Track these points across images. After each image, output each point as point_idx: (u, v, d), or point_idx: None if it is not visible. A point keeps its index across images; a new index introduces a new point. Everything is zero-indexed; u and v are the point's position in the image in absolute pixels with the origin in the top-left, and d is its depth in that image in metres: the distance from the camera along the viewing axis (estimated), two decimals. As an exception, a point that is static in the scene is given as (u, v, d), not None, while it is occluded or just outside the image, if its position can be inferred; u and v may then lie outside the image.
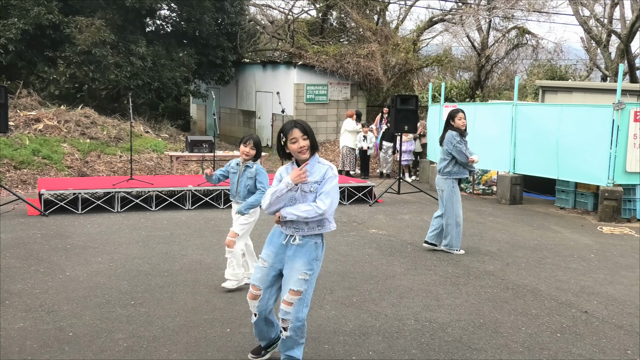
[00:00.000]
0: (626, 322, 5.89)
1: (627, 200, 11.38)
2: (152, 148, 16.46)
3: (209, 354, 4.90)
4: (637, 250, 8.98)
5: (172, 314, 5.80)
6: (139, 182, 11.56)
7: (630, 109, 11.10)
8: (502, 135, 13.17)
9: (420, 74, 26.50)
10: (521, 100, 22.08)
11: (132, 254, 8.01)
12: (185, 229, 9.67)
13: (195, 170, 15.94)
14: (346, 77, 21.67)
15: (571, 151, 11.73)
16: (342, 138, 16.87)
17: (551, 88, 16.32)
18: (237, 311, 5.89)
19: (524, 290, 6.84)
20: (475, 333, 5.49)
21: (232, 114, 24.96)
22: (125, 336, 5.22)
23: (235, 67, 23.63)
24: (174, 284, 6.75)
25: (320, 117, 21.98)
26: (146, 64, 19.39)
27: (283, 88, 20.63)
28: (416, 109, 13.84)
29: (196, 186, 11.48)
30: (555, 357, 5.02)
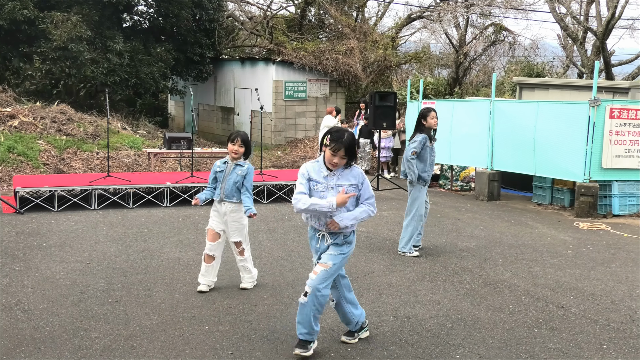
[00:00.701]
0: (602, 317, 5.96)
1: (603, 196, 11.51)
2: (129, 145, 16.33)
3: (187, 352, 4.88)
4: (613, 246, 9.09)
5: (149, 312, 5.76)
6: (116, 179, 11.47)
7: (605, 105, 11.23)
8: (480, 132, 13.26)
9: (398, 70, 26.58)
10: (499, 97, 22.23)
11: (109, 251, 7.94)
12: (163, 226, 9.61)
13: (174, 167, 15.84)
14: (325, 73, 21.66)
15: (548, 147, 11.84)
16: (321, 134, 16.89)
17: (528, 85, 16.45)
18: (215, 309, 5.87)
19: (502, 286, 6.89)
20: (453, 329, 5.52)
21: (210, 110, 24.84)
22: (102, 335, 5.18)
23: (214, 64, 23.51)
24: (152, 281, 6.71)
25: (299, 114, 21.95)
26: (123, 60, 19.22)
27: (262, 84, 20.56)
28: (394, 105, 13.89)
29: (174, 183, 11.41)
30: (532, 352, 5.06)
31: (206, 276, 6.39)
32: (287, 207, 11.51)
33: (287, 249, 8.35)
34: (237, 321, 5.57)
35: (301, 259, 7.79)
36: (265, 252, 8.11)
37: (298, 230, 9.53)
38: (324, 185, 4.73)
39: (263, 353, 4.90)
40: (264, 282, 6.76)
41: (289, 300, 6.16)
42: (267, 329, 5.40)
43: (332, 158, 4.62)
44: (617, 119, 11.27)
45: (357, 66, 21.78)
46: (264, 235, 9.08)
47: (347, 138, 4.61)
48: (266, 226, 9.71)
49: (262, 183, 12.01)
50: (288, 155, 20.00)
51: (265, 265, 7.46)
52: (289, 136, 21.85)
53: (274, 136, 21.58)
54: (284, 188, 12.29)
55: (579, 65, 23.06)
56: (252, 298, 6.19)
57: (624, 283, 7.14)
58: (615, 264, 8.01)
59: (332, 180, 4.73)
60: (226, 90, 23.85)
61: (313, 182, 4.75)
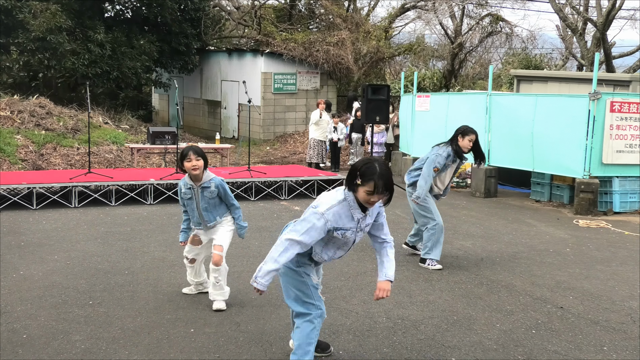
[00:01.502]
0: (602, 318, 5.99)
1: (604, 192, 11.56)
2: (111, 140, 16.28)
3: (172, 356, 4.87)
4: (614, 244, 9.13)
5: (132, 314, 5.74)
6: (98, 176, 11.42)
7: (606, 99, 11.27)
8: (476, 126, 13.17)
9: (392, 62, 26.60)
10: (496, 90, 22.29)
11: (90, 251, 7.91)
12: (147, 224, 9.58)
13: (158, 163, 15.80)
14: (315, 65, 21.65)
15: (546, 142, 11.88)
16: (310, 130, 16.87)
17: (526, 77, 16.49)
18: (201, 311, 5.86)
19: (499, 286, 6.91)
20: (448, 330, 5.53)
21: (196, 104, 24.79)
22: (83, 338, 5.16)
23: (200, 55, 23.46)
24: (135, 282, 6.69)
25: (289, 108, 21.94)
26: (105, 52, 19.14)
27: (250, 77, 20.54)
28: (388, 99, 13.89)
29: (158, 180, 11.38)
30: (530, 354, 5.08)
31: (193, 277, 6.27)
32: (276, 205, 11.50)
33: (276, 248, 8.34)
34: (224, 323, 5.56)
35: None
36: (253, 252, 8.10)
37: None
38: (353, 230, 4.17)
39: (251, 356, 4.89)
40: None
41: (278, 301, 6.15)
42: (256, 331, 5.39)
43: (370, 198, 3.98)
44: (618, 113, 11.31)
45: (348, 58, 21.79)
46: (252, 234, 9.07)
47: (383, 171, 3.94)
48: (254, 224, 9.70)
49: (250, 180, 11.99)
50: (277, 151, 20.00)
51: (253, 265, 7.45)
52: (278, 131, 21.83)
53: (263, 131, 21.55)
54: (272, 185, 12.28)
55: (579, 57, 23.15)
56: (239, 299, 6.18)
57: (625, 282, 7.18)
58: (616, 263, 8.05)
59: (364, 221, 4.19)
60: (212, 83, 23.79)
61: (339, 232, 4.14)
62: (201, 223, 5.92)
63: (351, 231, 4.16)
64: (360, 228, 4.20)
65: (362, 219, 4.15)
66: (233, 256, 7.79)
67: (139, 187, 11.40)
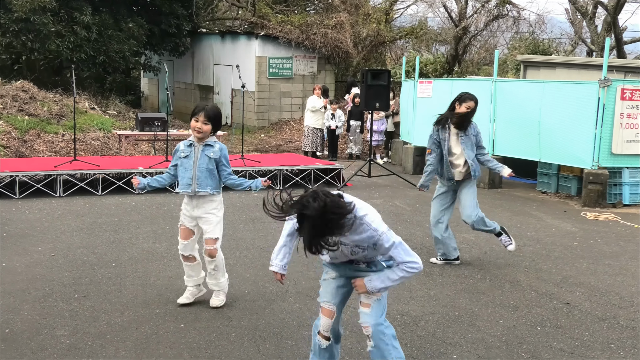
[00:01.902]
0: (610, 314, 6.01)
1: (613, 184, 11.58)
2: (98, 126, 16.24)
3: (161, 352, 4.88)
4: (623, 238, 9.16)
5: (120, 308, 5.75)
6: (84, 164, 11.41)
7: (616, 86, 11.27)
8: (480, 114, 13.16)
9: (393, 47, 26.55)
10: (501, 76, 22.28)
11: (75, 242, 7.91)
12: (135, 215, 9.58)
13: (147, 151, 15.78)
14: (313, 49, 21.60)
15: (554, 131, 11.88)
16: (306, 117, 16.86)
17: (533, 63, 16.48)
18: (191, 305, 5.86)
19: (502, 281, 6.93)
20: (450, 327, 5.55)
21: (187, 89, 24.73)
22: (68, 333, 5.17)
23: (191, 38, 23.39)
24: (122, 275, 6.69)
25: (285, 94, 21.91)
26: (91, 35, 19.07)
27: (244, 61, 20.49)
28: (388, 84, 13.87)
29: (147, 168, 11.37)
30: (534, 352, 5.10)
31: (193, 276, 5.89)
32: (270, 195, 11.48)
33: (270, 240, 8.35)
34: (215, 318, 5.57)
35: (286, 251, 7.79)
36: (246, 244, 8.11)
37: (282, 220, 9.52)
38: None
39: (244, 352, 4.90)
40: (245, 276, 6.76)
41: (272, 296, 6.17)
42: (248, 326, 5.41)
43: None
44: (628, 101, 11.32)
45: (347, 42, 21.74)
46: (245, 226, 9.08)
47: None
48: (247, 215, 9.70)
49: (243, 168, 11.98)
50: (272, 139, 19.98)
51: (246, 258, 7.46)
52: (273, 118, 21.81)
53: (257, 117, 21.53)
54: (267, 174, 12.28)
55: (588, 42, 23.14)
56: (231, 293, 6.18)
57: (634, 278, 7.20)
58: (625, 257, 8.08)
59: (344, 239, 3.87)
60: (204, 67, 23.73)
61: None
62: (191, 185, 5.60)
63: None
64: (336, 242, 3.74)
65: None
66: (225, 249, 7.78)
67: (127, 176, 11.39)
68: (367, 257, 4.01)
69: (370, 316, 4.07)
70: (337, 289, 4.20)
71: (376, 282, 3.98)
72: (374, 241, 3.82)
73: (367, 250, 3.90)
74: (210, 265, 5.76)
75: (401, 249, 3.91)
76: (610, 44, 12.87)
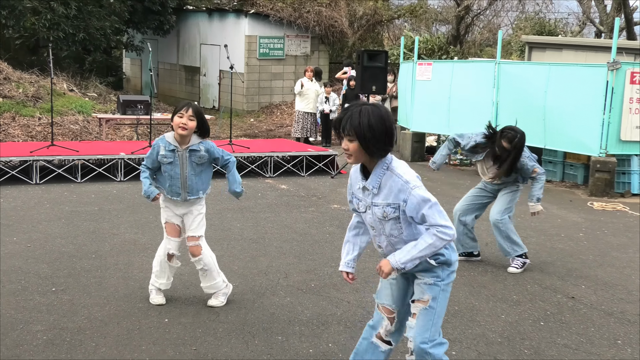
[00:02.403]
0: (617, 309, 6.04)
1: (621, 172, 11.62)
2: (77, 109, 16.18)
3: (144, 348, 4.88)
4: (631, 229, 9.20)
5: (100, 302, 5.75)
6: (62, 149, 11.37)
7: (626, 69, 11.29)
8: (482, 98, 13.29)
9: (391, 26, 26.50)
10: (505, 58, 22.29)
11: (53, 232, 7.89)
12: (117, 203, 9.56)
13: (129, 136, 15.74)
14: (306, 28, 21.54)
15: (560, 117, 11.90)
16: (297, 100, 16.82)
17: (539, 45, 16.48)
18: (176, 299, 5.87)
19: (504, 274, 6.95)
20: (449, 322, 5.57)
21: (172, 70, 24.65)
22: (45, 328, 5.16)
23: (177, 15, 23.29)
24: (103, 267, 6.69)
25: (276, 75, 21.86)
26: (70, 11, 18.96)
27: (232, 40, 20.42)
28: (385, 66, 13.86)
29: (129, 154, 11.34)
30: (537, 348, 5.13)
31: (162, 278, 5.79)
32: (260, 183, 11.50)
33: (260, 230, 8.36)
34: (201, 313, 5.58)
35: (276, 242, 7.81)
36: (234, 234, 8.11)
37: (273, 209, 9.54)
38: (363, 203, 3.80)
39: (231, 349, 4.92)
40: (234, 269, 6.77)
41: (261, 289, 6.18)
42: (236, 321, 5.42)
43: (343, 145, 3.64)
44: (638, 85, 11.34)
45: (342, 20, 21.69)
46: (234, 215, 9.08)
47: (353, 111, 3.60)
48: (236, 204, 9.70)
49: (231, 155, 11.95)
50: (262, 123, 19.96)
51: (234, 249, 7.47)
52: (264, 101, 21.77)
53: (246, 101, 21.49)
54: (256, 160, 12.27)
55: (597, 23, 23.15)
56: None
57: (643, 271, 7.25)
58: (633, 249, 8.12)
59: (368, 198, 3.75)
60: (190, 46, 23.64)
61: (356, 199, 3.86)
62: (180, 194, 5.54)
63: (363, 203, 3.78)
64: (369, 205, 3.73)
65: (366, 192, 3.71)
66: (212, 239, 7.79)
67: (107, 162, 11.36)
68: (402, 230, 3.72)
69: (415, 329, 3.87)
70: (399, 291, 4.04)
71: (399, 255, 3.67)
72: (405, 197, 3.60)
73: (399, 212, 3.65)
74: (197, 265, 5.70)
75: (436, 210, 3.59)
76: (619, 24, 12.88)
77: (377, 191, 3.67)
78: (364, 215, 3.82)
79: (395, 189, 3.62)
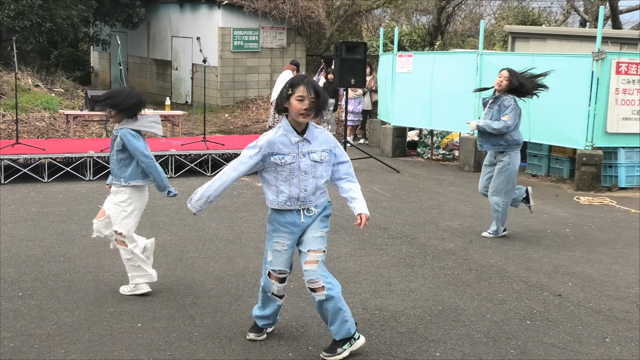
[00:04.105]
0: (604, 306, 6.09)
1: (608, 165, 11.71)
2: (43, 105, 16.06)
3: (116, 354, 4.86)
4: (619, 224, 9.28)
5: (69, 307, 5.71)
6: (27, 148, 11.28)
7: (611, 59, 11.38)
8: (465, 90, 13.32)
9: (369, 17, 26.53)
10: (488, 48, 22.37)
11: (19, 235, 7.83)
12: (86, 204, 9.50)
13: (98, 133, 15.64)
14: (282, 20, 21.49)
15: (544, 109, 11.96)
16: (277, 90, 16.75)
17: (522, 34, 16.57)
18: (149, 302, 5.84)
19: (489, 272, 6.99)
20: (432, 322, 5.59)
21: (142, 64, 24.50)
22: (12, 335, 5.12)
23: (146, 7, 23.13)
24: (72, 270, 6.64)
25: (251, 69, 21.80)
26: (35, 1, 18.77)
27: (205, 33, 20.32)
28: (364, 58, 13.86)
29: (99, 152, 11.27)
30: (524, 348, 5.16)
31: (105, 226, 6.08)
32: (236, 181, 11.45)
33: (236, 230, 8.34)
34: (176, 316, 5.56)
35: (253, 242, 7.79)
36: (210, 235, 8.08)
37: (249, 208, 9.52)
38: (292, 155, 4.73)
39: (207, 354, 4.90)
40: (209, 270, 6.74)
41: (238, 292, 6.16)
42: (213, 325, 5.40)
43: (301, 105, 4.60)
44: (624, 75, 11.44)
45: (320, 11, 21.68)
46: (209, 215, 9.05)
47: (309, 79, 4.74)
48: (211, 204, 9.65)
49: (206, 152, 11.93)
50: (237, 119, 19.91)
51: (210, 250, 7.45)
52: (239, 95, 21.71)
53: (220, 95, 21.42)
54: (232, 158, 12.22)
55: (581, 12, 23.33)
56: (194, 289, 6.17)
57: (631, 266, 7.31)
58: (621, 245, 8.19)
59: (304, 147, 4.75)
60: (161, 39, 23.51)
61: (277, 157, 4.73)
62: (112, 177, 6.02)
63: (291, 156, 4.71)
64: (303, 153, 4.72)
65: (302, 143, 4.72)
66: (186, 240, 7.78)
67: (76, 161, 11.28)
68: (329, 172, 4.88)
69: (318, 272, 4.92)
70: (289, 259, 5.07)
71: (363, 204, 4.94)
72: (332, 146, 4.85)
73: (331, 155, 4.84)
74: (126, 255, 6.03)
75: (349, 164, 5.05)
76: (604, 13, 12.99)
77: (312, 141, 4.76)
78: (291, 166, 4.71)
79: (322, 138, 4.81)
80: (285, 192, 4.76)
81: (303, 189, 4.76)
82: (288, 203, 4.78)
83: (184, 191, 10.49)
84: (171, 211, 9.20)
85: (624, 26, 23.12)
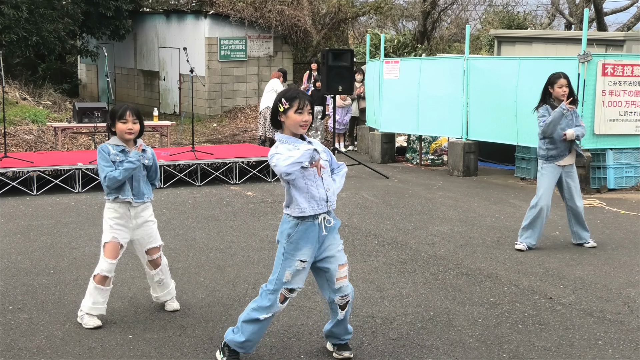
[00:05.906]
0: (596, 308, 6.10)
1: (596, 167, 11.74)
2: (31, 118, 16.00)
3: (107, 367, 4.83)
4: (608, 225, 9.30)
5: (60, 320, 5.68)
6: (16, 161, 11.22)
7: (597, 61, 11.42)
8: (452, 95, 13.37)
9: (356, 24, 26.59)
10: (474, 53, 22.45)
11: (8, 248, 7.79)
12: (75, 216, 9.46)
13: (86, 145, 15.59)
14: (268, 28, 21.52)
15: (531, 112, 11.98)
16: (266, 98, 16.72)
17: (508, 38, 16.63)
18: (140, 314, 5.82)
19: (480, 276, 6.99)
20: (424, 328, 5.58)
21: (130, 75, 24.48)
22: (3, 349, 5.09)
23: (133, 18, 23.14)
24: (62, 283, 6.61)
25: (238, 78, 21.81)
26: (21, 14, 18.74)
27: (192, 43, 20.34)
28: (351, 65, 13.88)
29: (87, 164, 11.23)
30: (516, 352, 5.15)
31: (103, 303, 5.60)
32: (225, 190, 11.45)
33: (226, 239, 8.32)
34: (167, 327, 5.53)
35: (243, 251, 7.77)
36: (200, 245, 8.06)
37: (239, 217, 9.49)
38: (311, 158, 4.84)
39: (199, 364, 4.88)
40: (199, 280, 6.72)
41: (229, 301, 6.14)
42: (204, 335, 5.38)
43: (301, 117, 4.69)
44: (610, 77, 11.48)
45: (306, 19, 21.71)
46: (198, 224, 9.02)
47: (301, 91, 4.90)
48: (201, 213, 9.64)
49: (194, 162, 11.90)
50: (226, 128, 19.89)
51: (200, 260, 7.42)
52: (227, 105, 21.70)
53: (208, 105, 21.41)
54: (221, 167, 12.21)
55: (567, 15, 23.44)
56: (185, 299, 6.14)
57: (621, 268, 7.32)
58: (611, 246, 8.21)
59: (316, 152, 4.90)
60: (148, 50, 23.50)
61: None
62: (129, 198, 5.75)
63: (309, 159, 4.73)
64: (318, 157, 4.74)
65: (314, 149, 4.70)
66: (176, 250, 7.75)
67: (64, 173, 11.24)
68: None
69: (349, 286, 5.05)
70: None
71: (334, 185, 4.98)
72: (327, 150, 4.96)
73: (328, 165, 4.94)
74: (157, 277, 5.78)
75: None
76: (589, 15, 13.05)
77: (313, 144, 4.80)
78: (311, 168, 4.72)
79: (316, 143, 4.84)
80: (315, 195, 4.79)
81: (327, 188, 4.85)
82: (319, 207, 4.81)
83: (173, 201, 10.48)
84: (161, 222, 9.13)
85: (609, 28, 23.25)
